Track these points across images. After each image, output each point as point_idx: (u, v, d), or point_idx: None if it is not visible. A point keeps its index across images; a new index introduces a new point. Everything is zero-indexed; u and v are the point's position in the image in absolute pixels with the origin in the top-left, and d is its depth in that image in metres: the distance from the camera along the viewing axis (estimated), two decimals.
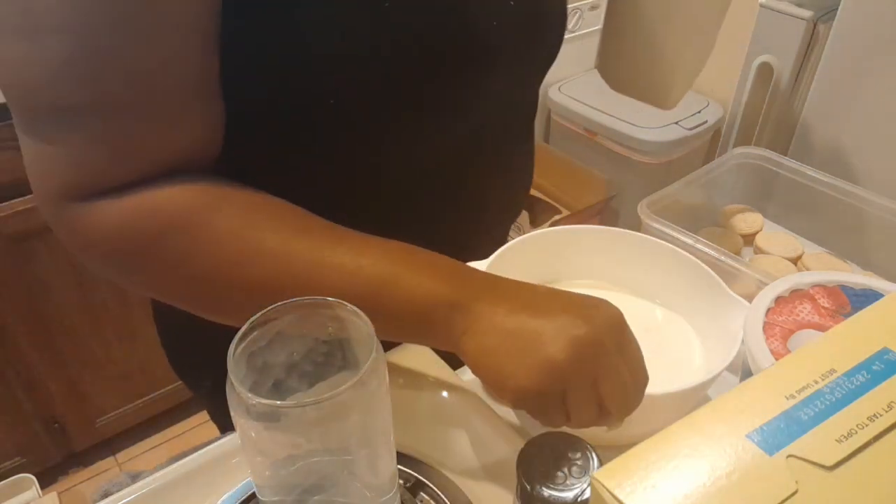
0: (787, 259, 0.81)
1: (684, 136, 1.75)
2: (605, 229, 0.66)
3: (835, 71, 1.08)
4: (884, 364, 0.27)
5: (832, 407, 0.26)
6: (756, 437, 0.25)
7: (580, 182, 1.91)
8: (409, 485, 0.50)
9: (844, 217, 0.81)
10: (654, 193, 0.78)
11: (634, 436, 0.31)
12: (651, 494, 0.23)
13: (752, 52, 1.36)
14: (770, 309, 0.55)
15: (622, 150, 1.81)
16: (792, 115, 1.36)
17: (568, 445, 0.39)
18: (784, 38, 1.30)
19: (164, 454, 1.64)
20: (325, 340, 0.39)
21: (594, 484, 0.24)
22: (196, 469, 0.53)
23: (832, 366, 0.27)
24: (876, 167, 1.07)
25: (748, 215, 0.87)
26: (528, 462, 0.38)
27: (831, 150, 1.14)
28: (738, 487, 0.23)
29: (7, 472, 1.48)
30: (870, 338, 0.28)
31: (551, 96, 1.94)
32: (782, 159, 0.85)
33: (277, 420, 0.34)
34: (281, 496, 0.40)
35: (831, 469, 0.24)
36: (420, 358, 0.61)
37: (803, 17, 1.26)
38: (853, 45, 1.05)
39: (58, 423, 1.51)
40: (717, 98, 1.86)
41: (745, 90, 1.38)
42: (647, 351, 0.63)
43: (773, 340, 0.53)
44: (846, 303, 0.56)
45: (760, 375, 0.28)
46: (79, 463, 1.64)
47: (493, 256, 0.61)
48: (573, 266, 0.67)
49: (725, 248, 0.76)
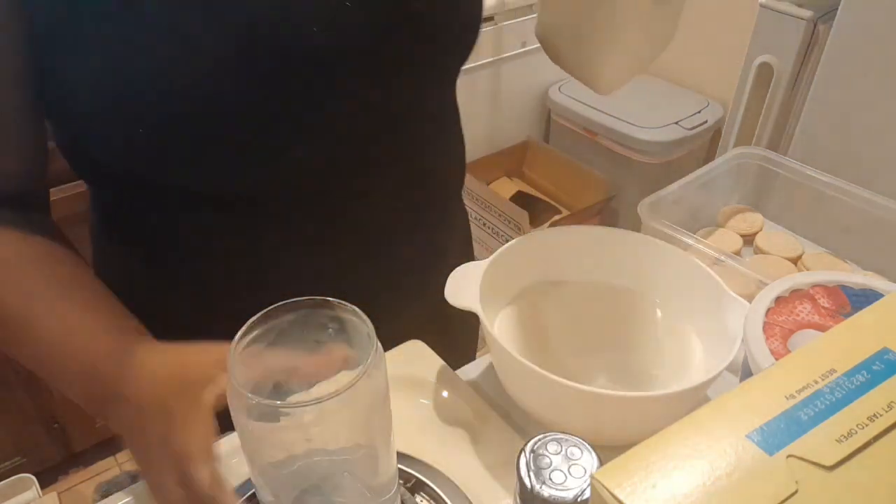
0: (787, 259, 0.81)
1: (684, 136, 1.75)
2: (605, 229, 0.66)
3: (835, 71, 1.08)
4: (884, 364, 0.27)
5: (832, 407, 0.26)
6: (756, 437, 0.25)
7: (580, 182, 1.91)
8: (409, 485, 0.50)
9: (844, 217, 0.81)
10: (654, 193, 0.78)
11: (634, 436, 0.31)
12: (651, 494, 0.23)
13: (752, 52, 1.36)
14: (770, 309, 0.55)
15: (622, 150, 1.81)
16: (792, 115, 1.36)
17: (568, 445, 0.39)
18: (784, 38, 1.30)
19: None
20: (325, 341, 0.39)
21: (594, 484, 0.24)
22: None
23: (832, 366, 0.27)
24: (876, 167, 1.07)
25: (748, 215, 0.87)
26: (528, 462, 0.38)
27: (831, 150, 1.14)
28: (738, 487, 0.23)
29: (7, 472, 1.48)
30: (870, 338, 0.28)
31: (551, 96, 1.95)
32: (782, 159, 0.85)
33: (277, 420, 0.34)
34: (281, 496, 0.40)
35: (831, 469, 0.24)
36: (420, 358, 0.61)
37: (803, 17, 1.26)
38: (853, 45, 1.05)
39: (58, 423, 1.51)
40: (717, 98, 1.86)
41: (745, 90, 1.39)
42: (648, 351, 0.63)
43: (773, 340, 0.53)
44: (846, 303, 0.56)
45: (760, 375, 0.28)
46: (79, 463, 1.64)
47: (492, 257, 0.61)
48: (573, 266, 0.67)
49: (725, 248, 0.76)
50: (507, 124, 1.99)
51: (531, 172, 2.05)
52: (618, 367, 0.60)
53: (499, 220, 1.84)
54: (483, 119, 1.94)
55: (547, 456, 0.39)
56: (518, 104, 1.98)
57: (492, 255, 0.61)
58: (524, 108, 2.01)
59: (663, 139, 1.74)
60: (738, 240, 0.84)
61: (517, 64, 1.87)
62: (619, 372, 0.60)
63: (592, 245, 0.66)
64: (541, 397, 0.55)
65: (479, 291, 0.56)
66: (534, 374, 0.50)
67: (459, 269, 0.59)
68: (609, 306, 0.66)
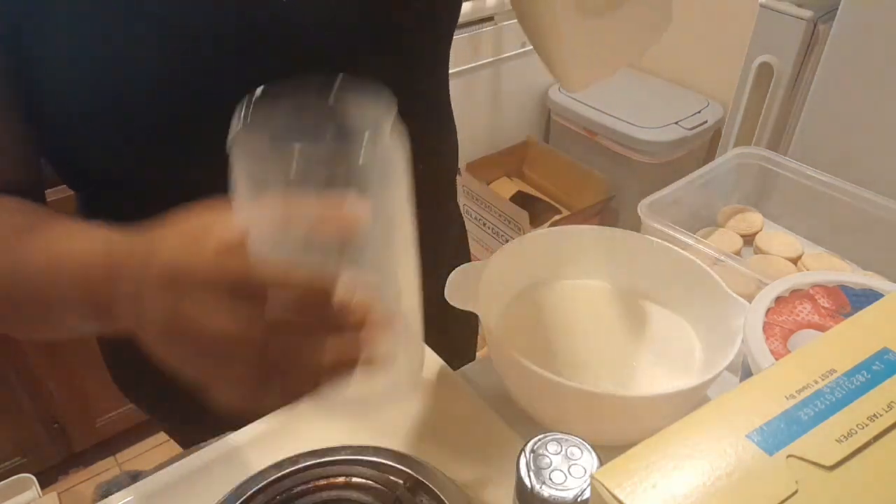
0: (787, 259, 0.81)
1: (684, 136, 1.75)
2: (605, 229, 0.66)
3: (835, 71, 1.08)
4: (884, 364, 0.27)
5: (832, 407, 0.26)
6: (756, 437, 0.25)
7: (580, 182, 1.91)
8: (409, 485, 0.50)
9: (844, 217, 0.80)
10: (654, 193, 0.78)
11: (634, 436, 0.31)
12: (651, 494, 0.23)
13: (752, 52, 1.36)
14: (770, 309, 0.55)
15: (622, 150, 1.81)
16: (792, 115, 1.36)
17: (568, 445, 0.39)
18: (784, 38, 1.30)
19: (164, 454, 1.64)
20: None
21: (594, 484, 0.24)
22: (196, 469, 0.53)
23: (832, 366, 0.27)
24: (876, 167, 1.07)
25: (748, 215, 0.87)
26: (528, 462, 0.38)
27: (831, 150, 1.14)
28: (738, 487, 0.23)
29: (7, 472, 1.48)
30: (870, 338, 0.28)
31: (551, 96, 1.95)
32: (782, 159, 0.85)
33: (289, 166, 0.32)
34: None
35: (831, 469, 0.24)
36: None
37: (803, 17, 1.26)
38: (853, 45, 1.05)
39: (58, 423, 1.51)
40: (717, 98, 1.86)
41: (745, 90, 1.39)
42: (648, 351, 0.63)
43: (773, 340, 0.53)
44: (846, 303, 0.56)
45: (760, 375, 0.28)
46: (79, 463, 1.64)
47: (492, 257, 0.61)
48: (573, 266, 0.67)
49: (725, 248, 0.76)
50: (507, 124, 1.99)
51: (531, 172, 2.04)
52: (618, 368, 0.60)
53: (499, 220, 1.84)
54: (483, 119, 1.94)
55: (547, 456, 0.39)
56: (518, 104, 1.98)
57: (492, 255, 0.61)
58: (524, 108, 2.01)
59: (663, 139, 1.74)
60: (738, 240, 0.84)
61: (517, 64, 1.87)
62: (619, 372, 0.60)
63: (592, 245, 0.66)
64: (541, 397, 0.55)
65: (479, 291, 0.56)
66: (534, 374, 0.50)
67: (459, 269, 0.59)
68: (609, 306, 0.66)
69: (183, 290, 0.34)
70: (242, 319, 0.33)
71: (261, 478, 0.51)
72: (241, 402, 0.35)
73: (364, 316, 0.34)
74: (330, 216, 0.33)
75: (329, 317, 0.34)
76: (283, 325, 0.33)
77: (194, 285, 0.33)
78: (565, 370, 0.59)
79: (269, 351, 0.33)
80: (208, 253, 0.33)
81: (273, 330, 0.33)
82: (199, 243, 0.34)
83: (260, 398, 0.35)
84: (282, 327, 0.33)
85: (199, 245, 0.34)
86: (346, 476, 0.51)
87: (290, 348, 0.34)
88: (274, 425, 0.56)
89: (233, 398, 0.35)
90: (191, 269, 0.34)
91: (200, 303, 0.33)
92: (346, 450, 0.53)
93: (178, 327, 0.34)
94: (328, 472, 0.51)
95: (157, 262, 0.35)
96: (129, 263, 0.38)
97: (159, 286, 0.35)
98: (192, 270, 0.33)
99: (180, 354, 0.35)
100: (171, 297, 0.34)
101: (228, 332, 0.33)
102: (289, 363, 0.34)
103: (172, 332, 0.35)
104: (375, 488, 0.50)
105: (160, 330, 0.35)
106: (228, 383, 0.35)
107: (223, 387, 0.35)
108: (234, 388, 0.35)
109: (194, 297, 0.33)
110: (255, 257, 0.33)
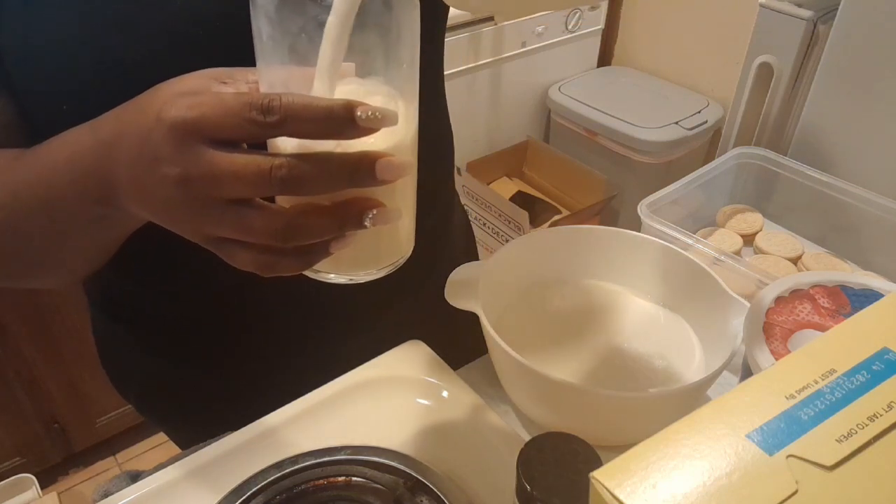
0: (787, 259, 0.81)
1: (684, 136, 1.75)
2: (605, 229, 0.66)
3: (835, 71, 1.08)
4: (884, 364, 0.27)
5: (832, 407, 0.26)
6: (756, 437, 0.25)
7: (580, 182, 1.91)
8: (409, 485, 0.50)
9: (844, 217, 0.81)
10: (654, 193, 0.78)
11: (634, 436, 0.31)
12: (651, 494, 0.23)
13: (752, 52, 1.36)
14: (770, 309, 0.55)
15: (622, 150, 1.81)
16: (792, 115, 1.36)
17: (568, 445, 0.39)
18: (784, 38, 1.30)
19: (164, 454, 1.64)
20: None
21: (594, 484, 0.24)
22: (196, 469, 0.53)
23: (832, 366, 0.27)
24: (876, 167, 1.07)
25: (748, 215, 0.87)
26: (528, 462, 0.38)
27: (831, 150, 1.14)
28: (738, 487, 0.23)
29: (7, 472, 1.48)
30: (870, 338, 0.28)
31: (551, 96, 1.95)
32: (782, 159, 0.85)
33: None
34: None
35: (831, 469, 0.24)
36: (420, 358, 0.61)
37: (803, 17, 1.26)
38: (853, 45, 1.04)
39: (58, 423, 1.51)
40: (717, 98, 1.86)
41: (745, 90, 1.38)
42: (648, 351, 0.63)
43: (773, 340, 0.53)
44: (846, 303, 0.56)
45: (760, 375, 0.27)
46: (79, 463, 1.64)
47: (492, 257, 0.61)
48: (573, 266, 0.67)
49: (725, 248, 0.76)
50: (507, 124, 1.99)
51: (531, 172, 2.05)
52: (618, 367, 0.60)
53: (499, 220, 1.84)
54: (483, 119, 1.93)
55: (547, 456, 0.39)
56: (518, 104, 1.98)
57: (492, 255, 0.61)
58: (524, 108, 2.01)
59: (663, 139, 1.74)
60: (738, 240, 0.84)
61: (517, 64, 1.87)
62: (619, 372, 0.60)
63: (592, 245, 0.66)
64: (541, 397, 0.55)
65: (479, 291, 0.56)
66: (534, 374, 0.50)
67: (459, 269, 0.59)
68: (609, 306, 0.66)
69: (203, 134, 0.33)
70: (262, 160, 0.32)
71: (261, 478, 0.51)
72: (255, 265, 0.35)
73: (378, 155, 0.33)
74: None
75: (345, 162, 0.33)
76: (299, 172, 0.32)
77: (217, 126, 0.33)
78: (565, 370, 0.59)
79: (288, 211, 0.34)
80: (224, 95, 0.33)
81: (290, 182, 0.32)
82: (206, 91, 0.34)
83: (273, 263, 0.35)
84: (298, 173, 0.32)
85: (207, 93, 0.34)
86: (346, 476, 0.51)
87: (306, 206, 0.34)
88: (274, 425, 0.56)
89: (247, 260, 0.35)
90: (204, 116, 0.33)
91: (218, 146, 0.33)
92: (346, 450, 0.53)
93: (195, 177, 0.33)
94: (328, 472, 0.51)
95: (166, 118, 0.33)
96: (127, 130, 0.36)
97: (171, 140, 0.33)
98: (206, 116, 0.33)
99: (195, 213, 0.35)
100: (188, 148, 0.33)
101: (248, 170, 0.32)
102: (305, 219, 0.34)
103: (189, 186, 0.34)
104: (375, 488, 0.50)
105: (173, 190, 0.34)
106: (244, 244, 0.35)
107: (237, 248, 0.35)
108: (249, 250, 0.35)
109: (217, 134, 0.33)
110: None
